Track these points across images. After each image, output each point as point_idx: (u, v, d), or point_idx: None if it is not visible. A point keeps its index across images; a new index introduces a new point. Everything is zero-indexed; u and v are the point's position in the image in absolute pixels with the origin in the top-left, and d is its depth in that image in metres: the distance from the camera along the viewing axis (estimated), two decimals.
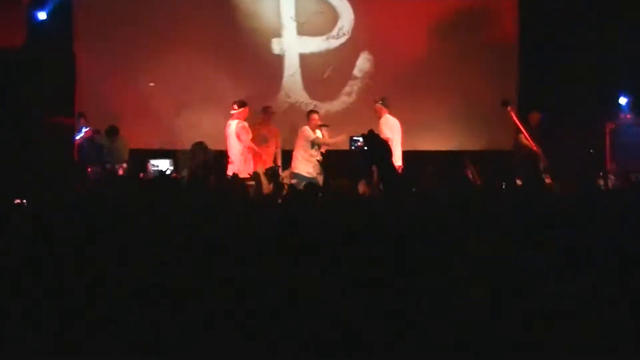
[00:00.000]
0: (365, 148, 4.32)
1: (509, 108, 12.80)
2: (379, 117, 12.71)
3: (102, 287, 3.37)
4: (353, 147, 12.48)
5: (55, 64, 11.52)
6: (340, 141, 12.68)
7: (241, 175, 9.80)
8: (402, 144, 12.76)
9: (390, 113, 12.81)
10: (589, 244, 3.74)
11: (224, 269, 3.51)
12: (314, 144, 12.71)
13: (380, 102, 12.81)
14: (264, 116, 13.07)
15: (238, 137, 12.21)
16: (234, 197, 6.16)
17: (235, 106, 12.33)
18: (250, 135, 12.31)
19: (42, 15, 12.42)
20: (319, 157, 12.07)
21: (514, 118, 12.85)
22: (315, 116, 12.93)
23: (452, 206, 4.45)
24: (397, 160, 12.17)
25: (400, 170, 10.61)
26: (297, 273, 3.48)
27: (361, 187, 9.14)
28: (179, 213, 4.41)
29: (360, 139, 11.21)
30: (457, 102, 14.29)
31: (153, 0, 14.19)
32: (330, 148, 12.46)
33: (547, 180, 10.99)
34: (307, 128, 12.81)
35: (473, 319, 3.22)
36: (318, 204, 5.63)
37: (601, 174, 11.36)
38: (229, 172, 10.33)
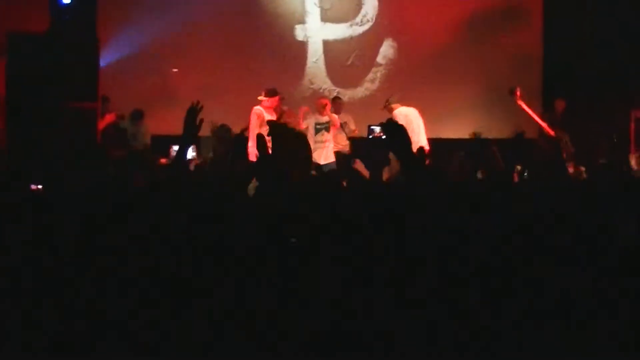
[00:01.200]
0: (384, 137, 4.25)
1: (517, 95, 12.57)
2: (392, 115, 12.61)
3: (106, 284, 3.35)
4: (370, 137, 12.35)
5: (78, 48, 11.54)
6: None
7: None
8: (426, 131, 12.66)
9: (402, 105, 12.64)
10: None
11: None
12: (318, 130, 12.47)
13: (387, 103, 12.61)
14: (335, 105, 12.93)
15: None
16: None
17: (263, 94, 11.91)
18: (259, 121, 11.89)
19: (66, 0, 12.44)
20: (327, 144, 12.05)
21: (523, 106, 12.67)
22: (322, 102, 12.56)
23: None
24: (423, 143, 11.96)
25: (427, 154, 10.53)
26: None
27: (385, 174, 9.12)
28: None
29: (377, 128, 11.09)
30: (481, 89, 14.23)
31: None
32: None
33: (570, 169, 10.95)
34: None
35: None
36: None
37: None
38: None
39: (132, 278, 3.34)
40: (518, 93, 12.50)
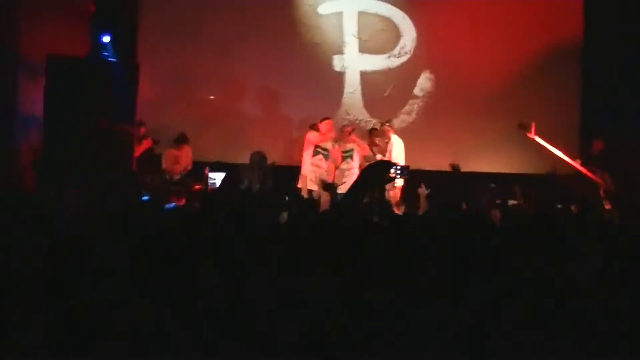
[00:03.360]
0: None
1: (532, 129, 12.58)
2: (388, 139, 12.63)
3: None
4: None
5: (118, 73, 11.65)
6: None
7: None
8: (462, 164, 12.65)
9: (395, 133, 12.79)
10: None
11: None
12: (343, 157, 12.64)
13: (387, 124, 12.77)
14: (341, 134, 12.99)
15: None
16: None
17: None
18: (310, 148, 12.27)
19: (106, 39, 12.56)
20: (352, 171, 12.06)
21: (540, 140, 12.62)
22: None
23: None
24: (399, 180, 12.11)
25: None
26: None
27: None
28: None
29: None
30: (515, 125, 14.10)
31: (216, 14, 14.24)
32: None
33: (607, 207, 10.82)
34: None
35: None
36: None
37: None
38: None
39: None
40: (533, 128, 12.50)
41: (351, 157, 12.58)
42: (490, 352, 3.27)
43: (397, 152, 12.53)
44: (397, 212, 9.00)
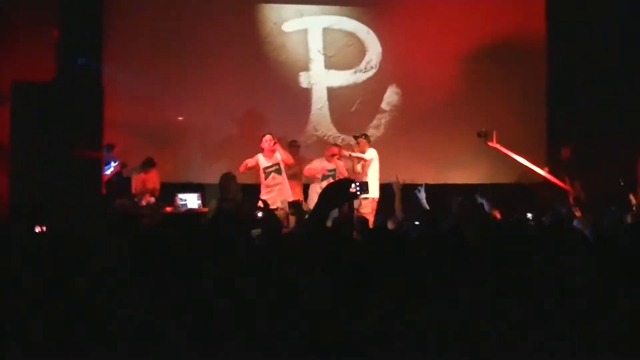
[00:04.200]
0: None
1: (493, 140, 12.78)
2: (363, 152, 12.69)
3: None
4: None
5: (83, 98, 11.57)
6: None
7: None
8: (431, 177, 12.75)
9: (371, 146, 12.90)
10: None
11: None
12: (324, 177, 12.72)
13: (364, 137, 12.92)
14: (291, 150, 13.03)
15: None
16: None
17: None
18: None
19: (80, 61, 12.51)
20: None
21: (501, 148, 12.79)
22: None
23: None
24: (375, 192, 12.36)
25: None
26: None
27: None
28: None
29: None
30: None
31: (181, 35, 14.21)
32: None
33: (577, 214, 10.89)
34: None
35: None
36: None
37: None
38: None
39: None
40: (494, 137, 12.66)
41: (334, 177, 12.62)
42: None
43: (375, 164, 12.56)
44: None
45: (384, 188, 11.86)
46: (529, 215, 9.50)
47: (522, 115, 14.38)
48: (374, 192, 12.26)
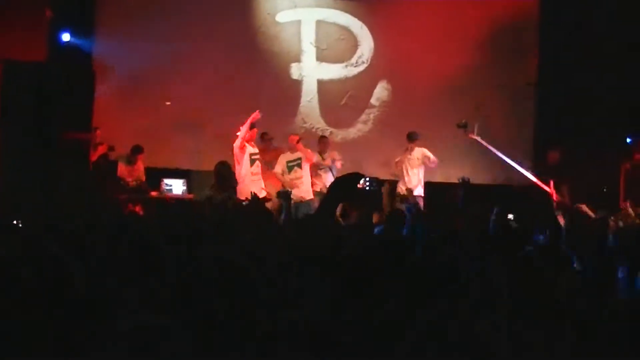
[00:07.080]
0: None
1: (474, 132, 12.83)
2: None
3: None
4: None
5: (74, 78, 11.53)
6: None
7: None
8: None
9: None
10: None
11: None
12: (290, 167, 12.52)
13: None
14: (264, 143, 12.89)
15: None
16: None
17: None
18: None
19: (65, 37, 12.46)
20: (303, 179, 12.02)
21: (481, 141, 12.85)
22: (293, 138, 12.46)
23: None
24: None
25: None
26: None
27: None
28: None
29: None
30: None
31: (174, 21, 14.19)
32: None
33: (560, 220, 10.95)
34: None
35: None
36: None
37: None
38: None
39: None
40: (475, 129, 12.73)
41: (299, 165, 12.39)
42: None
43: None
44: None
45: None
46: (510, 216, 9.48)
47: (510, 117, 14.44)
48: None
